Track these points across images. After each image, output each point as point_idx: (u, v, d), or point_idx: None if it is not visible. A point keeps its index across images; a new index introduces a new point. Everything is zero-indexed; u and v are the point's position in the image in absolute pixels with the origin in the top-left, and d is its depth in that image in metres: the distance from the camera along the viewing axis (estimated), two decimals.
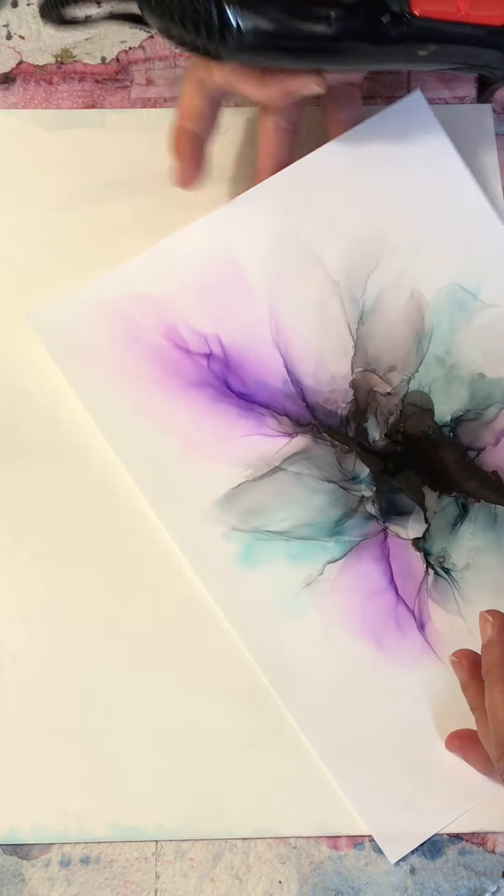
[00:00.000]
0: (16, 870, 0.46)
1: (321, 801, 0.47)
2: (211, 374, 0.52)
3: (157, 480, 0.51)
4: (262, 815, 0.47)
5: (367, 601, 0.50)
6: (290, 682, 0.48)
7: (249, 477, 0.51)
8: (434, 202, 0.55)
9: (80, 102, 0.59)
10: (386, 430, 0.52)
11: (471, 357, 0.53)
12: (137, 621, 0.50)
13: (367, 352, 0.53)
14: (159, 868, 0.47)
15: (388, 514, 0.51)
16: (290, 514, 0.51)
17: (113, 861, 0.47)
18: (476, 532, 0.51)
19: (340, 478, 0.51)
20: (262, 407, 0.52)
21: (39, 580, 0.50)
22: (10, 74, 0.60)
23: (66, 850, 0.47)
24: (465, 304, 0.54)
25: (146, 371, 0.52)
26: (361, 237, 0.54)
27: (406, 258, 0.54)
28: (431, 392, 0.53)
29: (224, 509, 0.51)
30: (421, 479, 0.52)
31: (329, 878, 0.46)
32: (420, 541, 0.51)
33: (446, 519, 0.51)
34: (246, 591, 0.49)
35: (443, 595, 0.50)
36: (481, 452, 0.52)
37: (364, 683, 0.49)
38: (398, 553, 0.51)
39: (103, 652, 0.49)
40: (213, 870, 0.47)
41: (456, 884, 0.46)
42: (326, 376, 0.53)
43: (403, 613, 0.50)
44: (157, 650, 0.49)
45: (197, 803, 0.47)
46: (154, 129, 0.59)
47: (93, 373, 0.52)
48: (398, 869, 0.47)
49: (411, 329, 0.53)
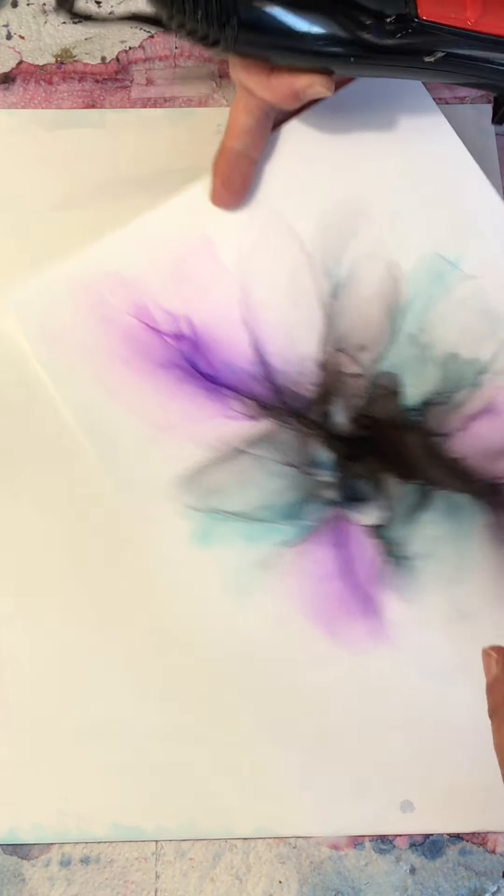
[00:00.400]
0: (16, 870, 0.46)
1: (321, 800, 0.47)
2: (179, 355, 0.52)
3: (120, 459, 0.51)
4: (262, 815, 0.47)
5: (321, 585, 0.49)
6: (241, 663, 0.48)
7: (211, 458, 0.51)
8: (416, 163, 0.53)
9: (80, 102, 0.60)
10: (352, 414, 0.51)
11: (446, 335, 0.51)
12: (130, 618, 0.50)
13: (338, 330, 0.52)
14: (159, 868, 0.47)
15: (349, 499, 0.50)
16: (248, 496, 0.50)
17: (113, 861, 0.47)
18: (436, 521, 0.50)
19: (302, 462, 0.51)
20: (228, 389, 0.52)
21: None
22: (10, 74, 0.60)
23: (66, 850, 0.47)
24: (444, 275, 0.52)
25: (116, 351, 0.52)
26: (338, 206, 0.53)
27: (385, 225, 0.52)
28: (402, 373, 0.51)
29: (183, 489, 0.51)
30: (384, 465, 0.51)
31: (329, 878, 0.46)
32: (379, 528, 0.50)
33: (407, 506, 0.50)
34: (199, 569, 0.49)
35: (399, 583, 0.49)
36: (448, 438, 0.51)
37: (314, 668, 0.48)
38: (356, 539, 0.50)
39: (102, 650, 0.49)
40: (213, 870, 0.47)
41: (456, 884, 0.46)
42: (295, 357, 0.52)
43: (357, 600, 0.49)
44: (156, 649, 0.49)
45: (197, 803, 0.47)
46: (154, 129, 0.59)
47: (63, 352, 0.52)
48: (398, 869, 0.47)
49: (385, 304, 0.52)
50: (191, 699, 0.48)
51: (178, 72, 0.60)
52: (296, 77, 0.48)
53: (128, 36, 0.61)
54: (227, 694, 0.48)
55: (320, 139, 0.54)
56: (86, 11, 0.49)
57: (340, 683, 0.48)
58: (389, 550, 0.50)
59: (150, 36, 0.61)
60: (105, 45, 0.61)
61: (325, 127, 0.54)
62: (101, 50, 0.61)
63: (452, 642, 0.48)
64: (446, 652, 0.48)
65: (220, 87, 0.60)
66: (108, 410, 0.51)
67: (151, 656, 0.49)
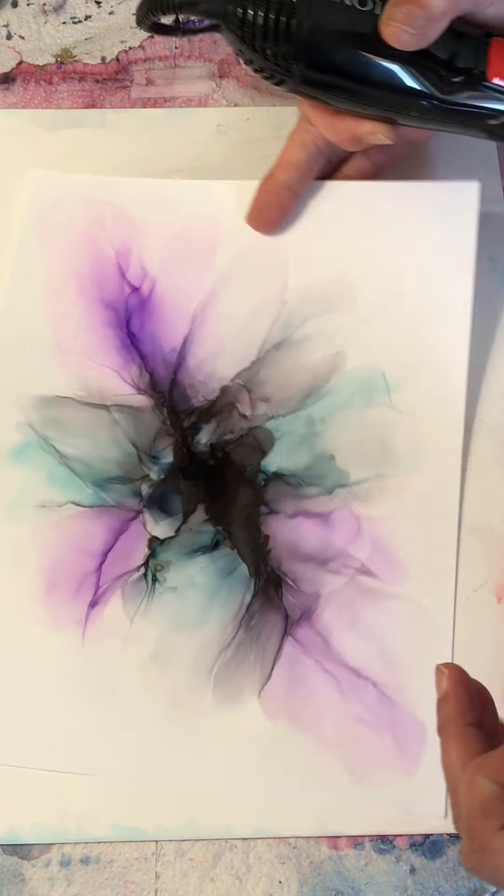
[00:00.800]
0: (16, 870, 0.46)
1: (321, 801, 0.47)
2: (123, 303, 0.54)
3: (6, 345, 0.53)
4: (262, 815, 0.47)
5: (73, 552, 0.50)
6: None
7: (79, 397, 0.53)
8: (419, 290, 0.53)
9: (80, 102, 0.60)
10: (214, 441, 0.52)
11: (337, 438, 0.52)
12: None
13: (259, 374, 0.53)
14: (159, 868, 0.47)
15: (153, 503, 0.51)
16: (80, 446, 0.52)
17: (113, 861, 0.47)
18: (206, 570, 0.50)
19: (144, 449, 0.52)
20: (138, 355, 0.53)
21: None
22: (10, 74, 0.60)
23: (66, 850, 0.47)
24: (374, 392, 0.52)
25: (78, 265, 0.55)
26: (333, 281, 0.54)
27: (357, 322, 0.53)
28: (279, 439, 0.52)
29: (37, 406, 0.52)
30: (203, 497, 0.51)
31: (329, 878, 0.46)
32: (157, 541, 0.50)
33: (194, 541, 0.50)
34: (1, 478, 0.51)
35: (133, 595, 0.49)
36: (271, 514, 0.51)
37: (16, 613, 0.49)
38: (131, 537, 0.50)
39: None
40: (213, 870, 0.47)
41: (456, 884, 0.46)
42: (209, 368, 0.53)
43: (89, 584, 0.50)
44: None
45: (197, 803, 0.47)
46: (154, 129, 0.59)
47: (42, 233, 0.55)
48: (398, 869, 0.47)
49: (311, 381, 0.53)
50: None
51: (179, 72, 0.60)
52: (359, 122, 0.48)
53: (128, 36, 0.61)
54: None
55: (358, 212, 0.54)
56: (166, 25, 0.49)
57: (25, 646, 0.49)
58: (150, 564, 0.50)
59: (150, 36, 0.61)
60: (105, 45, 0.61)
61: (370, 206, 0.54)
62: (101, 50, 0.61)
63: (136, 675, 0.48)
64: (107, 673, 0.48)
65: (220, 87, 0.60)
66: (34, 301, 0.54)
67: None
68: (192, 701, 0.48)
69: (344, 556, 0.50)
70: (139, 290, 0.54)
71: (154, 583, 0.50)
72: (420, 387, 0.52)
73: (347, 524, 0.50)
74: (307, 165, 0.52)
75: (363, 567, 0.50)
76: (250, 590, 0.50)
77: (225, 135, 0.58)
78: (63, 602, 0.49)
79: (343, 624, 0.49)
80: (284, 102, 0.59)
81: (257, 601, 0.49)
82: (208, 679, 0.48)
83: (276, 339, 0.53)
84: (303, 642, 0.49)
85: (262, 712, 0.47)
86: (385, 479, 0.51)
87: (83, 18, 0.62)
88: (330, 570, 0.50)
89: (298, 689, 0.48)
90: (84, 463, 0.52)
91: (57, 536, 0.50)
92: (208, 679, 0.48)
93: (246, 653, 0.48)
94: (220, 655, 0.48)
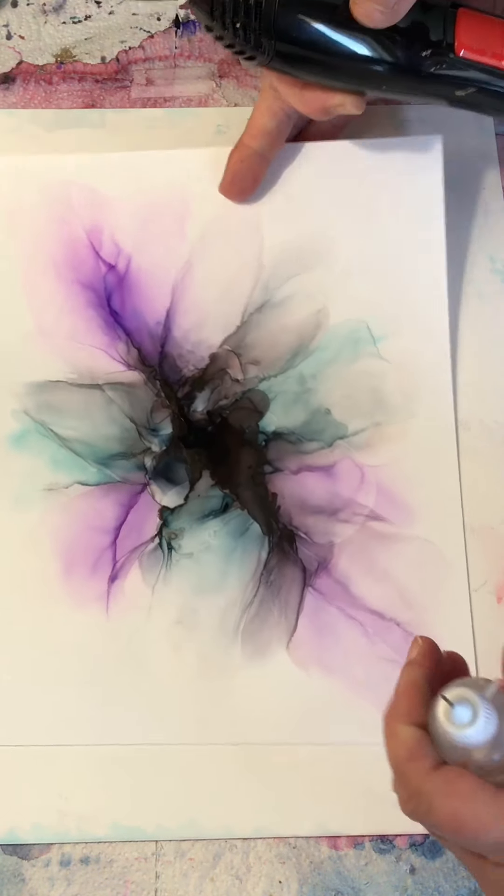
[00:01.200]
0: (16, 870, 0.46)
1: (321, 801, 0.47)
2: (102, 283, 0.54)
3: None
4: (262, 815, 0.47)
5: (86, 531, 0.51)
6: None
7: (70, 380, 0.53)
8: (394, 243, 0.54)
9: (80, 102, 0.60)
10: (210, 408, 0.53)
11: (331, 391, 0.53)
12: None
13: (245, 337, 0.53)
14: (159, 868, 0.47)
15: (159, 474, 0.52)
16: (79, 427, 0.52)
17: (113, 861, 0.47)
18: (220, 533, 0.51)
19: (143, 423, 0.52)
20: (123, 332, 0.53)
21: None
22: (10, 74, 0.60)
23: (66, 850, 0.47)
24: (360, 344, 0.53)
25: (52, 250, 0.54)
26: (309, 239, 0.54)
27: (336, 278, 0.54)
28: (274, 400, 0.53)
29: (30, 392, 0.52)
30: (207, 463, 0.52)
31: (329, 878, 0.46)
32: (167, 510, 0.51)
33: (203, 506, 0.51)
34: (2, 468, 0.51)
35: (151, 565, 0.50)
36: (276, 472, 0.52)
37: (37, 597, 0.49)
38: (141, 509, 0.51)
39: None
40: (213, 870, 0.47)
41: (456, 884, 0.46)
42: (196, 338, 0.53)
43: (106, 560, 0.50)
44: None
45: (197, 803, 0.47)
46: (154, 129, 0.59)
47: (7, 222, 0.55)
48: (398, 869, 0.47)
49: (297, 340, 0.53)
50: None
51: (179, 72, 0.60)
52: (329, 94, 0.48)
53: (128, 36, 0.61)
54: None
55: (324, 172, 0.55)
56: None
57: (47, 621, 0.49)
58: (163, 534, 0.51)
59: (150, 36, 0.61)
60: (105, 45, 0.61)
61: (335, 166, 0.55)
62: (101, 50, 0.61)
63: (162, 643, 0.49)
64: (153, 642, 0.49)
65: (220, 87, 0.60)
66: (12, 289, 0.54)
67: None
68: (222, 660, 0.48)
69: (352, 504, 0.51)
70: (115, 267, 0.54)
71: (170, 551, 0.50)
72: (405, 335, 0.53)
73: (351, 474, 0.51)
74: (277, 132, 0.53)
75: (372, 513, 0.51)
76: (265, 547, 0.50)
77: (225, 135, 0.58)
78: (83, 580, 0.50)
79: (360, 570, 0.50)
80: None
81: (273, 557, 0.50)
82: (235, 637, 0.49)
83: (259, 302, 0.54)
84: (323, 591, 0.49)
85: (292, 662, 0.48)
86: (382, 427, 0.52)
87: (83, 18, 0.62)
88: (340, 520, 0.51)
89: (325, 637, 0.49)
90: (84, 443, 0.52)
91: (68, 518, 0.51)
92: (235, 637, 0.49)
93: (269, 608, 0.49)
94: (244, 613, 0.49)
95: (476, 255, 0.56)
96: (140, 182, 0.55)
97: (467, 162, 0.57)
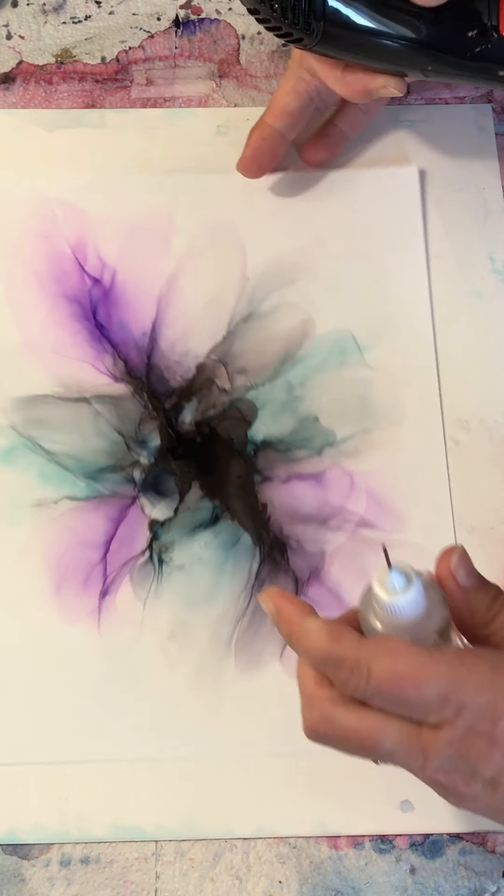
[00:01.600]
0: (16, 870, 0.46)
1: (321, 801, 0.47)
2: (87, 296, 0.54)
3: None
4: (262, 815, 0.47)
5: (76, 546, 0.50)
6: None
7: (57, 394, 0.53)
8: (377, 259, 0.55)
9: (80, 102, 0.59)
10: (198, 419, 0.53)
11: (318, 399, 0.53)
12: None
13: (231, 347, 0.54)
14: (159, 868, 0.47)
15: (149, 487, 0.51)
16: (67, 441, 0.52)
17: (113, 861, 0.47)
18: (210, 544, 0.51)
19: (131, 436, 0.52)
20: (109, 344, 0.54)
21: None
22: (10, 74, 0.60)
23: (66, 850, 0.47)
24: (347, 352, 0.54)
25: (37, 264, 0.55)
26: (293, 252, 0.55)
27: (322, 292, 0.55)
28: (262, 408, 0.53)
29: (16, 408, 0.52)
30: (196, 474, 0.52)
31: (329, 878, 0.46)
32: (157, 523, 0.51)
33: (193, 518, 0.51)
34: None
35: (142, 579, 0.50)
36: (266, 482, 0.52)
37: (28, 613, 0.49)
38: (131, 523, 0.51)
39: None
40: (213, 870, 0.47)
41: (456, 884, 0.46)
42: (182, 348, 0.54)
43: (97, 574, 0.50)
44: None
45: (197, 803, 0.47)
46: (154, 129, 0.59)
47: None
48: (398, 869, 0.47)
49: (283, 348, 0.54)
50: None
51: (179, 72, 0.60)
52: (371, 77, 0.48)
53: (128, 36, 0.61)
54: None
55: (317, 196, 0.56)
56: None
57: (41, 638, 0.49)
58: (154, 547, 0.50)
59: (150, 36, 0.61)
60: (105, 45, 0.61)
61: (326, 191, 0.56)
62: (101, 50, 0.61)
63: (155, 657, 0.49)
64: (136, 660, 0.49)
65: (220, 87, 0.60)
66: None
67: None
68: (215, 673, 0.48)
69: (342, 512, 0.51)
70: (100, 280, 0.55)
71: (161, 564, 0.50)
72: (390, 344, 0.54)
73: (341, 481, 0.51)
74: (299, 114, 0.53)
75: (362, 520, 0.51)
76: (256, 558, 0.50)
77: (225, 135, 0.58)
78: (74, 596, 0.50)
79: (352, 577, 0.50)
80: None
81: (265, 568, 0.50)
82: (228, 650, 0.49)
83: (244, 313, 0.54)
84: (316, 600, 0.49)
85: (285, 674, 0.48)
86: (370, 434, 0.52)
87: (83, 18, 0.62)
88: (331, 528, 0.51)
89: None
90: (73, 457, 0.52)
91: (57, 533, 0.51)
92: (228, 650, 0.49)
93: (262, 619, 0.49)
94: (236, 625, 0.49)
95: (476, 255, 0.56)
96: (125, 202, 0.56)
97: (467, 162, 0.58)
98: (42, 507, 0.51)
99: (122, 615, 0.49)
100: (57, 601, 0.50)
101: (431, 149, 0.58)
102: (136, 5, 0.62)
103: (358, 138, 0.57)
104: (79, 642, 0.49)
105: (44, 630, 0.49)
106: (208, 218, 0.56)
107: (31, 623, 0.49)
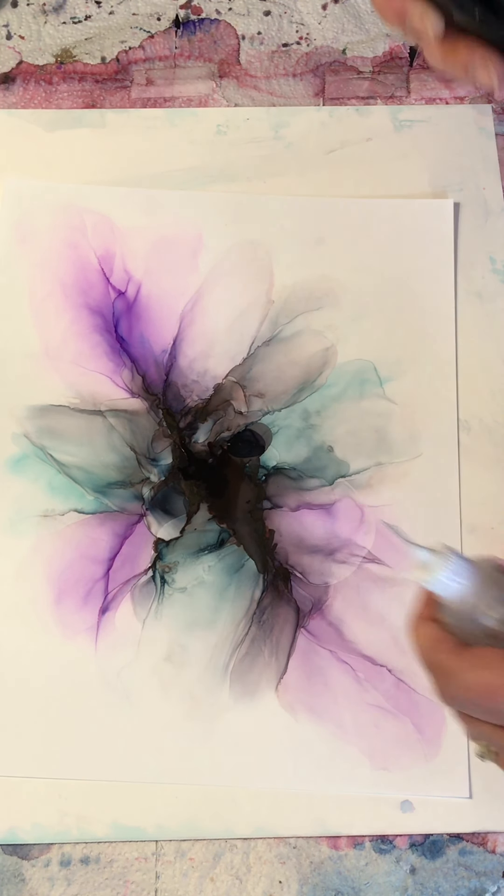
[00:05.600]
0: (16, 870, 0.46)
1: (321, 801, 0.47)
2: (110, 309, 0.54)
3: (2, 360, 0.53)
4: (262, 815, 0.47)
5: (80, 560, 0.50)
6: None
7: (73, 405, 0.53)
8: (406, 287, 0.55)
9: (80, 102, 0.59)
10: (212, 440, 0.52)
11: (334, 429, 0.53)
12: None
13: (251, 370, 0.53)
14: (159, 868, 0.47)
15: (156, 505, 0.51)
16: (78, 453, 0.52)
17: (113, 861, 0.47)
18: (214, 568, 0.50)
19: (143, 452, 0.52)
20: (129, 358, 0.54)
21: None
22: (10, 74, 0.60)
23: (66, 850, 0.47)
24: (367, 384, 0.53)
25: (62, 273, 0.55)
26: (321, 279, 0.55)
27: (347, 320, 0.54)
28: (276, 434, 0.52)
29: (31, 416, 0.52)
30: (206, 496, 0.51)
31: (329, 878, 0.46)
32: (162, 543, 0.51)
33: (199, 540, 0.51)
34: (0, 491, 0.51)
35: (143, 599, 0.50)
36: (275, 509, 0.51)
37: (27, 624, 0.49)
38: (136, 541, 0.51)
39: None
40: (213, 870, 0.47)
41: (456, 884, 0.46)
42: (201, 368, 0.54)
43: (98, 590, 0.50)
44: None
45: (197, 803, 0.47)
46: (154, 129, 0.59)
47: (21, 243, 0.55)
48: (398, 869, 0.47)
49: (303, 375, 0.54)
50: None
51: (179, 72, 0.60)
52: (473, 57, 0.41)
53: (128, 36, 0.61)
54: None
55: (346, 225, 0.56)
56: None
57: (38, 650, 0.49)
58: (157, 567, 0.50)
59: (150, 36, 0.61)
60: (105, 45, 0.61)
61: (356, 220, 0.56)
62: (101, 50, 0.61)
63: (150, 679, 0.48)
64: (130, 682, 0.48)
65: (220, 87, 0.60)
66: (20, 311, 0.54)
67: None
68: (210, 700, 0.48)
69: (350, 545, 0.50)
70: (125, 294, 0.55)
71: (163, 585, 0.50)
72: (412, 379, 0.53)
73: (351, 513, 0.51)
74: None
75: (370, 554, 0.50)
76: (259, 585, 0.50)
77: (225, 135, 0.58)
78: (73, 610, 0.49)
79: (354, 612, 0.49)
80: (284, 102, 0.59)
81: (267, 596, 0.50)
82: (224, 677, 0.48)
83: (266, 336, 0.54)
84: (316, 633, 0.49)
85: (280, 706, 0.48)
86: (384, 468, 0.52)
87: (83, 18, 0.62)
88: (337, 560, 0.50)
89: (315, 681, 0.48)
90: (83, 470, 0.52)
91: (62, 545, 0.50)
92: (224, 677, 0.48)
93: (260, 648, 0.49)
94: (234, 652, 0.49)
95: (476, 254, 0.56)
96: (155, 216, 0.56)
97: (467, 162, 0.58)
98: (48, 518, 0.51)
99: (121, 633, 0.49)
100: (57, 614, 0.49)
101: (431, 149, 0.58)
102: (136, 5, 0.62)
103: (358, 138, 0.57)
104: (76, 658, 0.49)
105: (40, 643, 0.49)
106: (237, 238, 0.56)
107: (28, 635, 0.49)
